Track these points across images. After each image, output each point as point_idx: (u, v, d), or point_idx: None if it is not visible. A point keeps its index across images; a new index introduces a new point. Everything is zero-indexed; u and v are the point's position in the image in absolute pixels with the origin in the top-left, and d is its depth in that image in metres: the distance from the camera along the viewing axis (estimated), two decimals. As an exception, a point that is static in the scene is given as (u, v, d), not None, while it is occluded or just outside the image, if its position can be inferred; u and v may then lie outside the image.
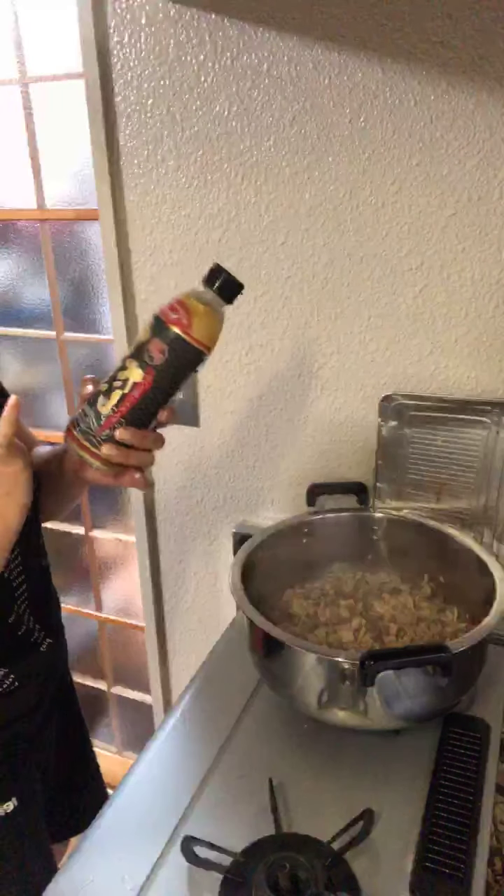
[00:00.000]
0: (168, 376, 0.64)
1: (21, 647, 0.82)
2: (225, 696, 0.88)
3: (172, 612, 1.36)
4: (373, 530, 1.00)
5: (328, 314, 1.00)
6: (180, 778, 0.76)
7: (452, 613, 0.89)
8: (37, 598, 0.83)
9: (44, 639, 0.85)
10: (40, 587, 0.85)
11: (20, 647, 0.82)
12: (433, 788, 0.72)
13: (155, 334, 0.64)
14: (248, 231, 1.00)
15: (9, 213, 1.34)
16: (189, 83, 0.96)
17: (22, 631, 0.81)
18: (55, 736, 0.94)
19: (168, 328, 0.63)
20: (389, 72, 0.85)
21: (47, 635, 0.86)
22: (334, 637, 0.85)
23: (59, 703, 0.95)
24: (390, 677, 0.70)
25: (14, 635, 0.80)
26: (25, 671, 0.82)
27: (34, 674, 0.84)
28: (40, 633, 0.85)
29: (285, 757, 0.79)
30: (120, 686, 1.75)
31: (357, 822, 0.66)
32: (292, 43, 0.88)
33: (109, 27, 0.97)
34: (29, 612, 0.82)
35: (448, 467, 0.97)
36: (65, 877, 0.65)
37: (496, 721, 0.81)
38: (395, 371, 0.99)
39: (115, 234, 1.09)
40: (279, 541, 0.95)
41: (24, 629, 0.82)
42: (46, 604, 0.87)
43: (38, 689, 0.86)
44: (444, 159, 0.87)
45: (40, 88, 1.22)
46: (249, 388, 1.10)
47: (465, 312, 0.93)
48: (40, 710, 0.87)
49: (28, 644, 0.83)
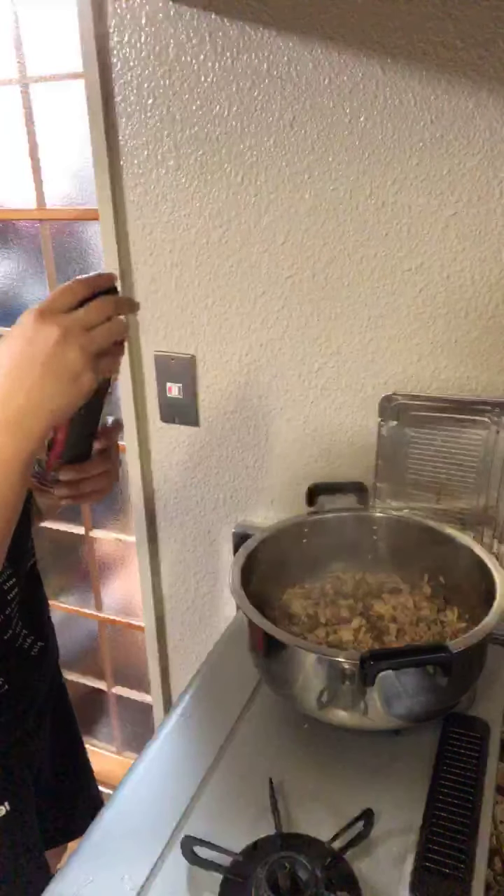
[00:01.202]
0: (80, 410, 0.60)
1: (8, 651, 0.80)
2: (225, 696, 0.88)
3: (172, 612, 1.36)
4: (373, 530, 1.00)
5: (328, 314, 1.00)
6: (180, 778, 0.76)
7: (452, 613, 0.89)
8: (27, 602, 0.82)
9: (34, 643, 0.84)
10: (30, 590, 0.84)
11: (7, 652, 0.80)
12: (433, 788, 0.72)
13: None
14: (248, 231, 1.00)
15: (9, 213, 1.34)
16: (189, 83, 0.96)
17: (8, 635, 0.80)
18: (48, 740, 0.93)
19: None
20: (389, 72, 0.85)
21: (38, 639, 0.85)
22: (334, 637, 0.85)
23: (51, 706, 0.94)
24: (390, 677, 0.70)
25: (1, 639, 0.79)
26: (14, 676, 0.81)
27: (23, 678, 0.83)
28: (30, 638, 0.83)
29: (285, 757, 0.79)
30: (120, 686, 1.75)
31: (357, 822, 0.66)
32: (292, 43, 0.88)
33: (109, 27, 0.97)
34: (18, 617, 0.81)
35: (448, 467, 0.97)
36: (65, 877, 0.65)
37: (496, 721, 0.81)
38: (395, 371, 0.99)
39: (115, 234, 1.09)
40: (279, 541, 0.95)
41: (11, 633, 0.80)
42: (37, 607, 0.86)
43: (29, 693, 0.85)
44: (444, 159, 0.87)
45: (40, 88, 1.22)
46: (249, 388, 1.10)
47: (465, 312, 0.93)
48: (31, 715, 0.86)
49: (15, 649, 0.81)
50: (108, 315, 0.54)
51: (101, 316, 0.54)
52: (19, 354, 0.52)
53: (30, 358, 0.51)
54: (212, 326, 1.08)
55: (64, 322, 0.52)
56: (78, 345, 0.52)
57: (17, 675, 0.82)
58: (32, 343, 0.51)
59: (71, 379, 0.52)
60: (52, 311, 0.52)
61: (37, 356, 0.51)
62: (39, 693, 0.88)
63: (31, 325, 0.52)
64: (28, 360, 0.51)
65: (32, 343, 0.51)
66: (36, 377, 0.51)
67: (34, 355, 0.51)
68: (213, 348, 1.10)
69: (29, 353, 0.51)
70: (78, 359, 0.52)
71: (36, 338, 0.51)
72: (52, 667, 0.93)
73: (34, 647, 0.85)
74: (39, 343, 0.51)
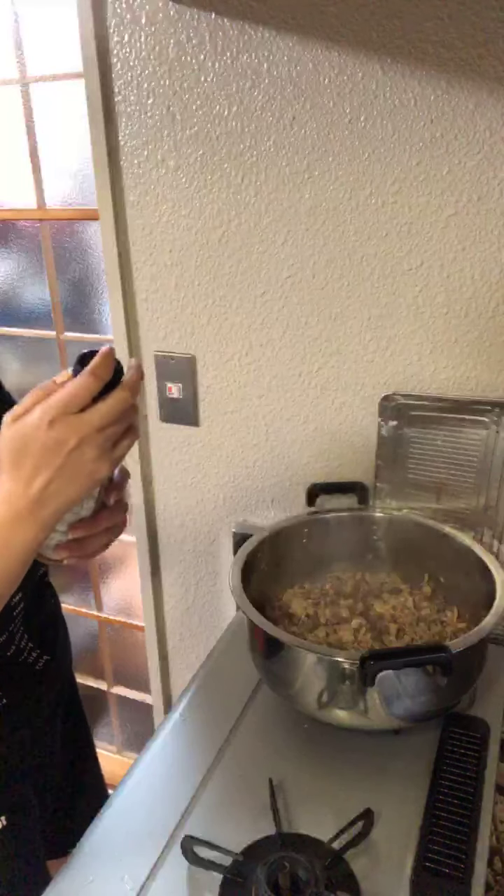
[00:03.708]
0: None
1: (11, 666, 0.79)
2: (225, 696, 0.88)
3: (172, 612, 1.36)
4: (373, 530, 1.00)
5: (328, 314, 1.00)
6: (180, 778, 0.76)
7: (452, 613, 0.89)
8: (35, 614, 0.81)
9: (40, 657, 0.83)
10: (39, 602, 0.83)
11: (10, 667, 0.79)
12: (433, 788, 0.72)
13: None
14: (248, 231, 1.00)
15: (9, 213, 1.34)
16: (189, 83, 0.96)
17: (12, 651, 0.79)
18: (59, 752, 0.92)
19: None
20: (389, 72, 0.85)
21: (44, 653, 0.83)
22: (334, 637, 0.85)
23: (61, 718, 0.93)
24: (390, 677, 0.70)
25: (3, 655, 0.78)
26: (14, 690, 0.79)
27: (24, 693, 0.81)
28: (35, 652, 0.82)
29: (285, 757, 0.79)
30: (120, 686, 1.75)
31: (357, 822, 0.66)
32: (292, 43, 0.88)
33: (109, 27, 0.97)
34: (23, 631, 0.79)
35: (448, 467, 0.97)
36: (65, 877, 0.65)
37: (496, 721, 0.81)
38: (395, 371, 0.99)
39: (115, 234, 1.09)
40: (279, 541, 0.95)
41: (15, 649, 0.79)
42: (47, 620, 0.85)
43: (29, 707, 0.83)
44: (444, 159, 0.87)
45: (40, 88, 1.22)
46: (249, 388, 1.10)
47: (465, 312, 0.93)
48: (32, 728, 0.84)
49: (18, 664, 0.80)
50: (123, 412, 0.53)
51: (116, 415, 0.53)
52: (35, 455, 0.51)
53: (45, 461, 0.51)
54: (212, 326, 1.08)
55: (79, 430, 0.51)
56: (94, 445, 0.51)
57: (18, 689, 0.80)
58: (46, 448, 0.50)
59: (87, 475, 0.52)
60: (65, 415, 0.51)
61: (52, 461, 0.51)
62: (42, 707, 0.86)
63: (44, 431, 0.50)
64: (44, 462, 0.51)
65: (46, 448, 0.50)
66: (50, 475, 0.51)
67: (49, 460, 0.51)
68: (213, 348, 1.10)
69: (44, 458, 0.51)
70: (94, 458, 0.52)
71: (49, 443, 0.50)
72: (61, 680, 0.91)
73: (39, 660, 0.83)
74: (54, 448, 0.50)
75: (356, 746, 0.79)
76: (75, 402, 0.51)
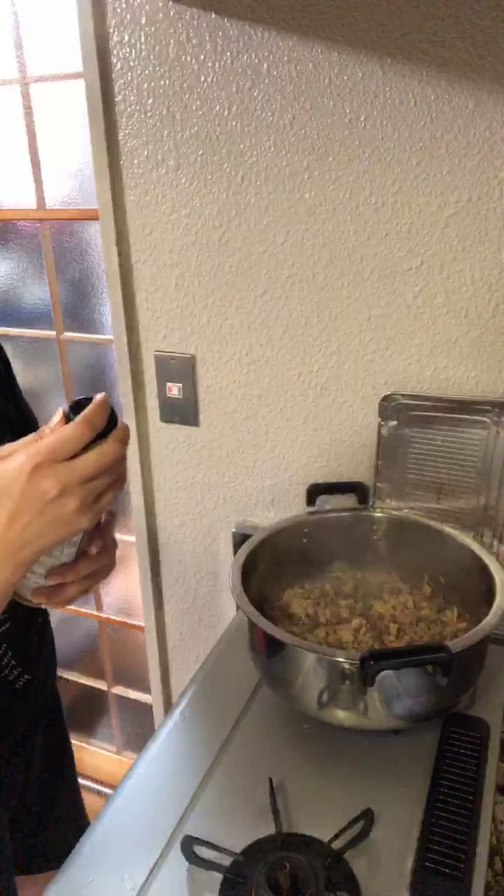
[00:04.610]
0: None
1: None
2: (225, 696, 0.88)
3: (172, 612, 1.36)
4: (373, 530, 1.00)
5: (328, 314, 1.00)
6: (180, 778, 0.76)
7: (452, 613, 0.89)
8: (23, 632, 0.80)
9: (20, 675, 0.81)
10: (28, 618, 0.82)
11: None
12: (433, 788, 0.72)
13: None
14: (248, 231, 1.00)
15: (9, 213, 1.34)
16: (189, 83, 0.96)
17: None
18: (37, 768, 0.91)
19: None
20: (389, 72, 0.85)
21: (24, 672, 0.82)
22: (334, 637, 0.85)
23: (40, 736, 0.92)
24: (390, 677, 0.70)
25: None
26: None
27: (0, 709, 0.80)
28: (17, 670, 0.80)
29: (285, 757, 0.79)
30: (120, 686, 1.75)
31: (357, 822, 0.66)
32: (292, 43, 0.88)
33: (109, 27, 0.97)
34: (6, 647, 0.78)
35: (448, 467, 0.97)
36: (65, 877, 0.65)
37: (496, 721, 0.81)
38: (395, 371, 0.99)
39: (115, 234, 1.09)
40: (279, 541, 0.95)
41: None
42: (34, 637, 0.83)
43: (4, 724, 0.81)
44: (444, 159, 0.87)
45: (40, 88, 1.22)
46: (249, 388, 1.10)
47: (465, 312, 0.93)
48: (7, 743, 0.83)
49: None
50: (112, 463, 0.52)
51: (105, 467, 0.51)
52: (15, 498, 0.49)
53: (25, 506, 0.49)
54: (212, 326, 1.08)
55: (63, 478, 0.50)
56: (77, 497, 0.50)
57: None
58: (27, 494, 0.49)
59: (66, 523, 0.51)
60: (51, 462, 0.49)
61: (32, 506, 0.49)
62: (15, 725, 0.84)
63: (26, 475, 0.49)
64: (24, 507, 0.49)
65: (27, 494, 0.49)
66: (30, 519, 0.50)
67: (29, 505, 0.49)
68: (213, 348, 1.10)
69: (24, 503, 0.49)
70: (74, 509, 0.51)
71: (31, 489, 0.49)
72: (40, 699, 0.89)
73: (20, 679, 0.81)
74: (36, 495, 0.49)
75: (356, 746, 0.79)
76: (65, 449, 0.50)
